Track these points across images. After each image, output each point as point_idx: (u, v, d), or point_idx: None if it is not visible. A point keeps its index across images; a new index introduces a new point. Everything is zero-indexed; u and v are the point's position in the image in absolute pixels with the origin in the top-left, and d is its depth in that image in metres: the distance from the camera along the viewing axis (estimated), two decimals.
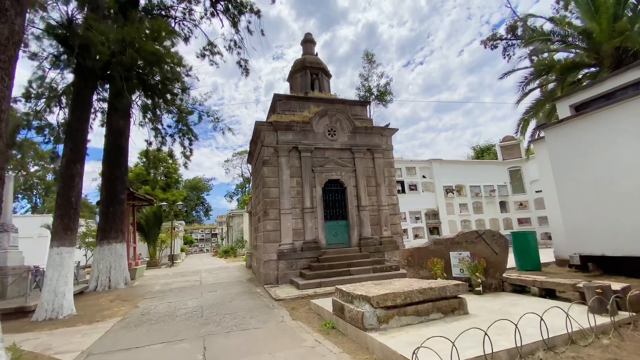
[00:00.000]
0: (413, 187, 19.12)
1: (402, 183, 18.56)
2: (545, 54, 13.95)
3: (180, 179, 42.07)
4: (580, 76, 12.98)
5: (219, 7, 14.14)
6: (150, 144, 13.82)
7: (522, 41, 17.15)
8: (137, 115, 13.37)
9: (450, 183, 19.53)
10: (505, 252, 6.44)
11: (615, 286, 4.64)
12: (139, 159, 33.07)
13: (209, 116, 14.26)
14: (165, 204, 23.34)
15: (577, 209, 8.37)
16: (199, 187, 54.74)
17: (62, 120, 11.74)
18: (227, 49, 14.61)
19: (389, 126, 11.85)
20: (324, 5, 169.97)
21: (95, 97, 12.41)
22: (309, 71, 12.92)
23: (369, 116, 13.03)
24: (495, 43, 20.44)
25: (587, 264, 8.09)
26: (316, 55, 13.76)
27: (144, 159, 30.76)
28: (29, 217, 22.37)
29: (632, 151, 7.20)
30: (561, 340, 3.63)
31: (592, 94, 8.60)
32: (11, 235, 9.35)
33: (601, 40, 10.96)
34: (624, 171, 7.34)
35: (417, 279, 6.21)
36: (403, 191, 18.34)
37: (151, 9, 12.89)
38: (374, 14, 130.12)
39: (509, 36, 19.90)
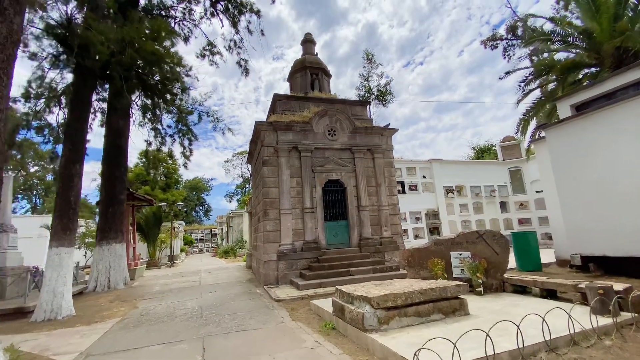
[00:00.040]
0: (413, 187, 19.10)
1: (402, 183, 18.54)
2: (546, 54, 13.94)
3: (180, 179, 42.08)
4: (580, 76, 12.96)
5: (219, 7, 14.13)
6: (149, 144, 13.80)
7: (522, 41, 17.16)
8: (136, 115, 13.36)
9: (450, 183, 19.50)
10: (506, 253, 6.42)
11: (618, 287, 4.62)
12: (138, 159, 33.08)
13: (208, 116, 14.24)
14: (165, 204, 23.33)
15: (578, 209, 8.34)
16: (199, 187, 54.73)
17: (62, 120, 11.74)
18: (227, 49, 14.61)
19: (389, 126, 11.82)
20: (324, 5, 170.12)
21: (94, 97, 12.39)
22: (309, 71, 12.90)
23: (369, 116, 13.00)
24: (495, 43, 20.47)
25: (588, 264, 8.07)
26: (316, 55, 13.74)
27: (144, 159, 30.75)
28: (28, 217, 22.33)
29: (633, 151, 7.17)
30: (563, 342, 3.61)
31: (593, 94, 8.57)
32: (10, 235, 9.33)
33: (602, 40, 10.95)
34: (625, 171, 7.31)
35: (418, 279, 6.18)
36: (403, 191, 18.31)
37: (151, 9, 12.87)
38: (374, 14, 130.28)
39: (509, 36, 19.92)
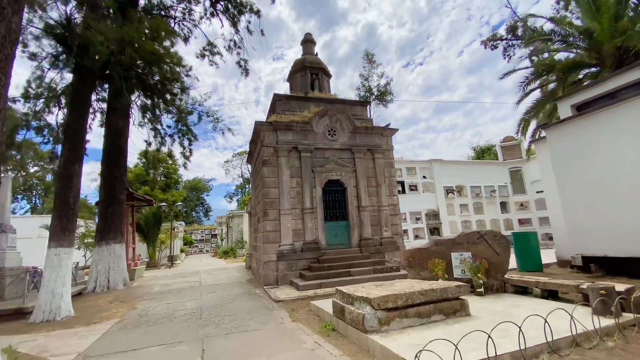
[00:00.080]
0: (413, 188, 19.08)
1: (402, 183, 18.52)
2: (546, 54, 13.93)
3: (180, 179, 42.10)
4: (581, 76, 12.93)
5: (219, 7, 14.11)
6: (149, 144, 13.79)
7: (522, 41, 17.14)
8: (136, 115, 13.35)
9: (450, 183, 19.49)
10: (507, 253, 6.39)
11: (619, 287, 4.60)
12: (138, 160, 33.07)
13: (208, 116, 14.23)
14: (164, 204, 23.30)
15: (579, 209, 8.31)
16: (199, 187, 54.69)
17: (62, 120, 11.71)
18: (226, 49, 14.59)
19: (389, 126, 11.79)
20: (323, 6, 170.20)
21: (94, 97, 12.36)
22: (309, 71, 12.87)
23: (369, 116, 12.97)
24: (495, 43, 20.42)
25: (589, 264, 8.04)
26: (316, 55, 13.72)
27: (144, 160, 30.73)
28: (28, 217, 22.28)
29: (634, 151, 7.14)
30: (565, 343, 3.58)
31: (594, 94, 8.55)
32: (9, 236, 9.29)
33: (602, 40, 10.92)
34: (626, 171, 7.28)
35: (419, 280, 6.15)
36: (403, 191, 18.29)
37: (151, 9, 12.84)
38: (373, 15, 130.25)
39: (509, 36, 19.88)
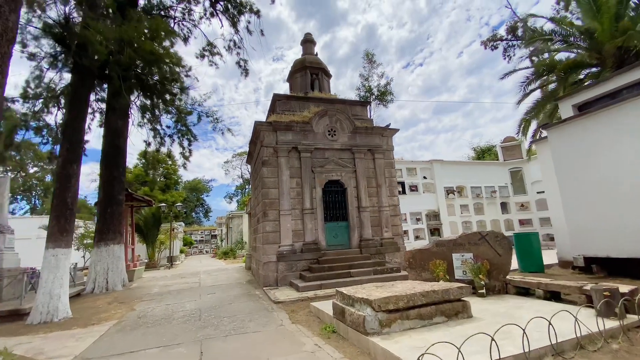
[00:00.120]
0: (414, 188, 19.02)
1: (402, 184, 18.46)
2: (546, 54, 13.87)
3: (180, 180, 42.03)
4: (582, 76, 12.90)
5: (219, 7, 14.08)
6: (148, 144, 13.72)
7: (522, 42, 17.09)
8: (135, 115, 13.28)
9: (451, 184, 19.43)
10: (508, 254, 6.33)
11: (623, 289, 4.54)
12: (138, 160, 33.02)
13: (208, 117, 14.13)
14: (164, 205, 23.25)
15: (580, 210, 8.25)
16: (199, 188, 54.64)
17: (61, 120, 11.65)
18: (226, 49, 14.54)
19: (389, 126, 11.74)
20: (323, 6, 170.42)
21: (93, 97, 12.33)
22: (308, 71, 12.83)
23: (369, 116, 12.93)
24: (495, 44, 20.38)
25: (591, 265, 7.98)
26: (316, 55, 13.68)
27: (143, 160, 30.68)
28: (27, 218, 22.21)
29: (636, 150, 7.09)
30: (569, 345, 3.52)
31: (595, 94, 8.50)
32: (7, 236, 9.23)
33: (603, 40, 10.89)
34: (628, 171, 7.23)
35: (420, 281, 6.08)
36: (404, 192, 18.23)
37: (150, 9, 12.79)
38: (373, 16, 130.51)
39: (509, 37, 19.84)
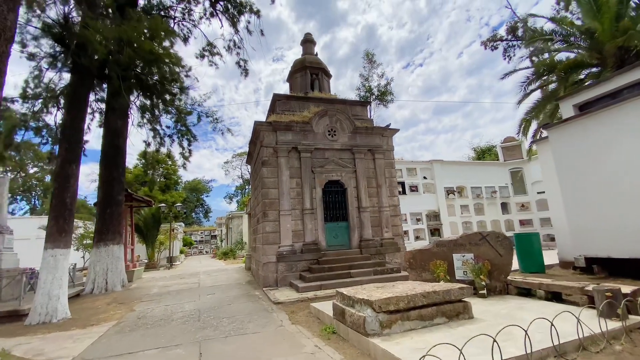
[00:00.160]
0: (414, 188, 18.98)
1: (402, 184, 18.42)
2: (547, 55, 13.84)
3: (180, 180, 41.98)
4: (582, 76, 12.86)
5: (219, 7, 14.06)
6: (148, 144, 13.68)
7: (522, 42, 17.08)
8: (135, 115, 13.23)
9: (451, 184, 19.39)
10: (510, 254, 6.30)
11: (625, 289, 4.51)
12: (137, 160, 32.98)
13: (208, 117, 14.10)
14: (164, 205, 23.21)
15: (581, 210, 8.22)
16: (199, 188, 54.61)
17: (60, 121, 11.61)
18: (226, 49, 14.52)
19: (389, 126, 11.71)
20: (323, 7, 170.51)
21: (92, 97, 12.28)
22: (308, 71, 12.81)
23: (369, 116, 12.90)
24: (495, 44, 20.36)
25: (592, 265, 7.94)
26: (316, 55, 13.65)
27: (143, 160, 30.64)
28: (26, 218, 22.14)
29: (637, 150, 7.05)
30: (572, 347, 3.49)
31: (596, 93, 8.47)
32: (6, 237, 9.20)
33: (603, 40, 10.86)
34: (629, 170, 7.19)
35: (420, 281, 6.05)
36: (404, 192, 18.19)
37: (150, 8, 12.77)
38: (373, 16, 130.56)
39: (509, 37, 19.82)
